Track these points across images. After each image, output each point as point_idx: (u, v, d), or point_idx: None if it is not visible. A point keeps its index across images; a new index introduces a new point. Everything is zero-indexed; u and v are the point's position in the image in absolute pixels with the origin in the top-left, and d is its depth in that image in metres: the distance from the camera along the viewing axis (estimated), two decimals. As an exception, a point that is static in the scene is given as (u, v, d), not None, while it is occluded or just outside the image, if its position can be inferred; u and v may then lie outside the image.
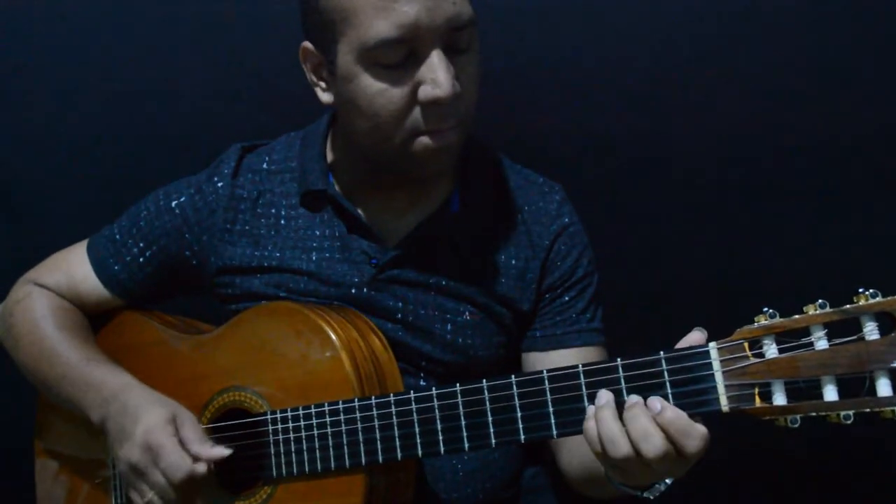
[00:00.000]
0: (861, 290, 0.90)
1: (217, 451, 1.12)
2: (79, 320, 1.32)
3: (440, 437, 1.07)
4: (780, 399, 0.92)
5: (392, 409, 1.09)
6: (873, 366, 0.88)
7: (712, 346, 0.95)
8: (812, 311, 0.91)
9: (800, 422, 0.91)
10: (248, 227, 1.26)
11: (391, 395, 1.09)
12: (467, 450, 1.06)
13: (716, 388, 0.94)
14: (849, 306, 0.90)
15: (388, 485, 1.13)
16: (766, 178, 1.57)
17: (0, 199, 1.71)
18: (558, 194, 1.29)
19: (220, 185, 1.27)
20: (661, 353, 0.97)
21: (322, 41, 1.11)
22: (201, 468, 1.10)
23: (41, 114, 1.66)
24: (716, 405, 0.94)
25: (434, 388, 1.07)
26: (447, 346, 1.22)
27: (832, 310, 0.90)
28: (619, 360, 0.99)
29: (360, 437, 1.10)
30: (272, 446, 1.15)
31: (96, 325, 1.34)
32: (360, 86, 1.08)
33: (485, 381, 1.05)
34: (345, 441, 1.10)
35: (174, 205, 1.28)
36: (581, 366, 1.00)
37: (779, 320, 0.92)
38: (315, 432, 1.12)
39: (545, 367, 1.03)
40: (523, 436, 1.03)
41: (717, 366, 0.94)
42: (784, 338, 0.93)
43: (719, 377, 0.94)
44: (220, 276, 1.27)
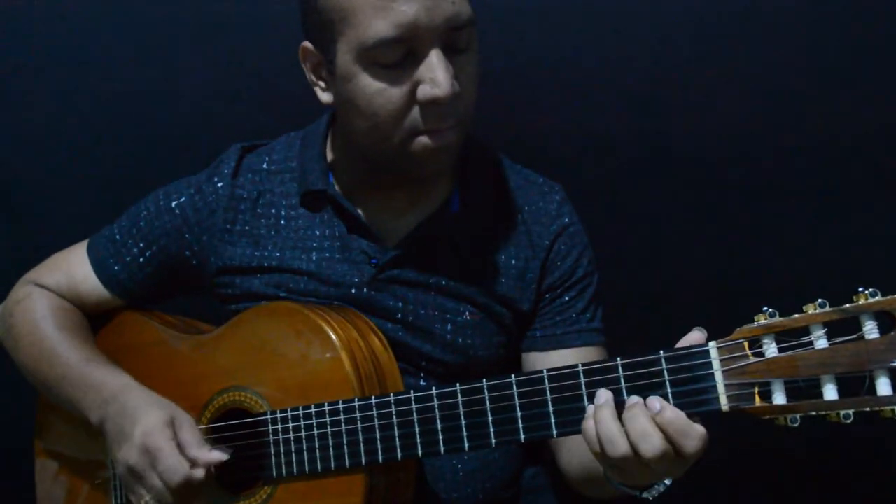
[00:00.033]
0: (860, 289, 0.89)
1: (215, 455, 1.11)
2: (79, 321, 1.32)
3: (440, 437, 1.07)
4: (779, 398, 0.92)
5: (392, 408, 1.09)
6: (873, 365, 0.88)
7: (712, 346, 0.95)
8: (812, 311, 0.91)
9: (799, 421, 0.91)
10: (248, 227, 1.26)
11: (391, 394, 1.09)
12: (467, 450, 1.06)
13: (715, 388, 0.94)
14: (848, 305, 0.90)
15: (388, 485, 1.13)
16: (766, 178, 1.57)
17: (0, 199, 1.71)
18: (558, 194, 1.29)
19: (220, 185, 1.27)
20: (661, 352, 0.97)
21: (321, 41, 1.11)
22: (199, 473, 1.10)
23: (41, 114, 1.66)
24: (715, 404, 0.94)
25: (434, 388, 1.07)
26: (447, 346, 1.22)
27: (832, 309, 0.90)
28: (618, 359, 0.99)
29: (360, 437, 1.10)
30: (272, 446, 1.15)
31: (96, 325, 1.34)
32: (359, 85, 1.08)
33: (485, 381, 1.05)
34: (345, 441, 1.10)
35: (174, 205, 1.28)
36: (581, 365, 1.00)
37: (778, 319, 0.92)
38: (315, 432, 1.12)
39: (545, 367, 1.03)
40: (523, 435, 1.03)
41: (716, 365, 0.94)
42: (784, 337, 0.92)
43: (719, 376, 0.94)
44: (220, 277, 1.27)
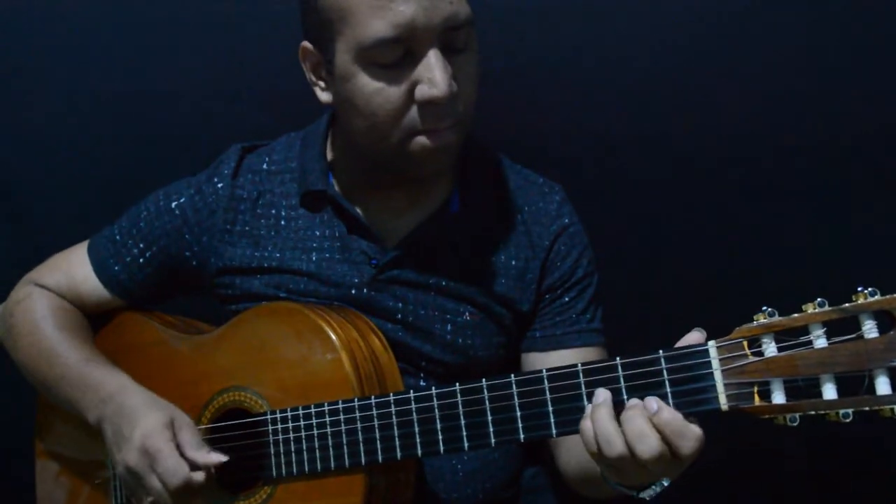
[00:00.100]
0: (860, 288, 0.90)
1: (214, 457, 1.11)
2: (79, 321, 1.32)
3: (440, 437, 1.07)
4: (779, 397, 0.92)
5: (392, 408, 1.09)
6: (872, 364, 0.88)
7: (711, 345, 0.95)
8: (811, 310, 0.91)
9: (799, 420, 0.91)
10: (248, 227, 1.26)
11: (391, 394, 1.09)
12: (467, 449, 1.06)
13: (715, 387, 0.94)
14: (848, 305, 0.90)
15: (388, 485, 1.13)
16: (766, 177, 1.57)
17: (0, 199, 1.71)
18: (558, 195, 1.29)
19: (219, 185, 1.27)
20: (661, 351, 0.97)
21: (320, 40, 1.11)
22: (199, 475, 1.10)
23: (41, 114, 1.66)
24: (715, 404, 0.94)
25: (434, 388, 1.07)
26: (447, 346, 1.22)
27: (831, 308, 0.90)
28: (618, 359, 0.99)
29: (359, 437, 1.10)
30: (272, 446, 1.15)
31: (96, 325, 1.34)
32: (358, 85, 1.08)
33: (484, 381, 1.05)
34: (344, 441, 1.10)
35: (174, 205, 1.28)
36: (580, 365, 1.01)
37: (778, 319, 0.92)
38: (315, 432, 1.12)
39: (545, 368, 1.03)
40: (523, 435, 1.03)
41: (716, 364, 0.94)
42: (783, 336, 0.93)
43: (718, 376, 0.94)
44: (220, 277, 1.27)
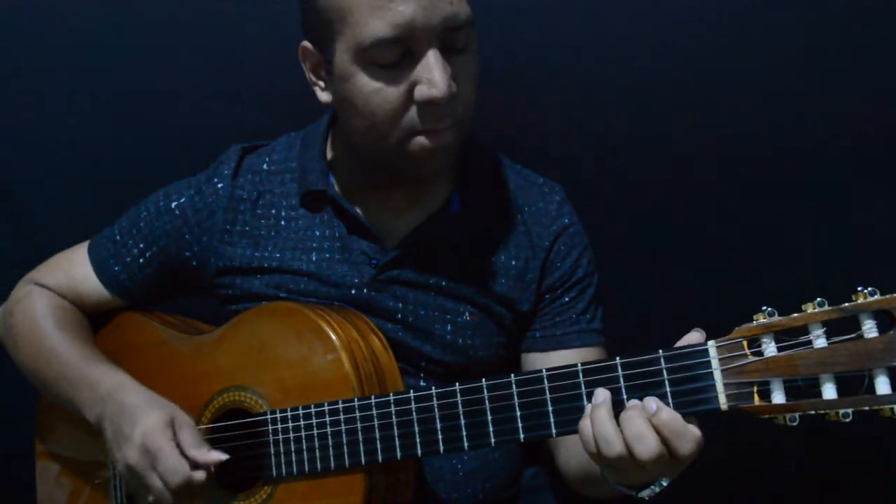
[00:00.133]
0: (860, 288, 0.90)
1: (214, 456, 1.11)
2: (78, 320, 1.32)
3: (440, 437, 1.07)
4: (778, 397, 0.92)
5: (391, 408, 1.09)
6: (872, 364, 0.89)
7: (711, 345, 0.95)
8: (811, 310, 0.91)
9: (798, 420, 0.92)
10: (247, 227, 1.26)
11: (391, 394, 1.09)
12: (467, 449, 1.06)
13: (714, 387, 0.94)
14: (847, 304, 0.90)
15: (388, 484, 1.13)
16: (766, 177, 1.57)
17: (0, 199, 1.71)
18: (558, 195, 1.29)
19: (219, 185, 1.27)
20: (660, 351, 0.97)
21: (320, 40, 1.11)
22: (199, 474, 1.10)
23: (41, 114, 1.66)
24: (714, 403, 0.94)
25: (433, 388, 1.07)
26: (447, 346, 1.22)
27: (831, 308, 0.91)
28: (617, 359, 0.99)
29: (359, 437, 1.10)
30: (272, 446, 1.15)
31: (96, 325, 1.34)
32: (357, 85, 1.08)
33: (484, 381, 1.05)
34: (344, 441, 1.10)
35: (174, 206, 1.28)
36: (580, 365, 1.01)
37: (777, 319, 0.92)
38: (315, 432, 1.12)
39: (544, 368, 1.03)
40: (522, 435, 1.03)
41: (715, 364, 0.94)
42: (783, 336, 0.93)
43: (718, 375, 0.94)
44: (220, 277, 1.27)
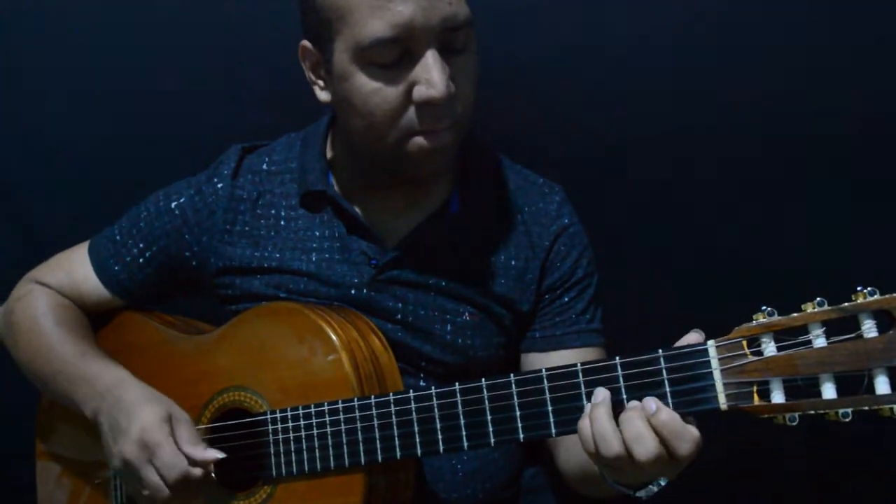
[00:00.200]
0: (859, 287, 0.90)
1: (210, 454, 1.11)
2: (78, 318, 1.32)
3: (439, 437, 1.07)
4: (778, 397, 0.92)
5: (391, 408, 1.09)
6: (872, 363, 0.89)
7: (711, 345, 0.95)
8: (810, 309, 0.91)
9: (798, 420, 0.92)
10: (247, 227, 1.26)
11: (390, 394, 1.09)
12: (466, 449, 1.06)
13: (714, 387, 0.94)
14: (847, 304, 0.90)
15: (388, 484, 1.13)
16: (766, 177, 1.57)
17: (0, 199, 1.71)
18: (558, 195, 1.29)
19: (219, 185, 1.27)
20: (660, 351, 0.97)
21: (319, 40, 1.11)
22: (197, 471, 1.10)
23: (41, 114, 1.66)
24: (714, 403, 0.94)
25: (433, 388, 1.07)
26: (447, 346, 1.22)
27: (830, 308, 0.91)
28: (617, 358, 0.99)
29: (359, 437, 1.10)
30: (272, 446, 1.15)
31: (96, 325, 1.34)
32: (355, 85, 1.08)
33: (484, 381, 1.05)
34: (344, 441, 1.10)
35: (174, 206, 1.28)
36: (580, 365, 1.01)
37: (777, 318, 0.92)
38: (315, 432, 1.12)
39: (544, 368, 1.03)
40: (522, 435, 1.03)
41: (715, 364, 0.94)
42: (782, 336, 0.93)
43: (718, 375, 0.94)
44: (220, 277, 1.27)
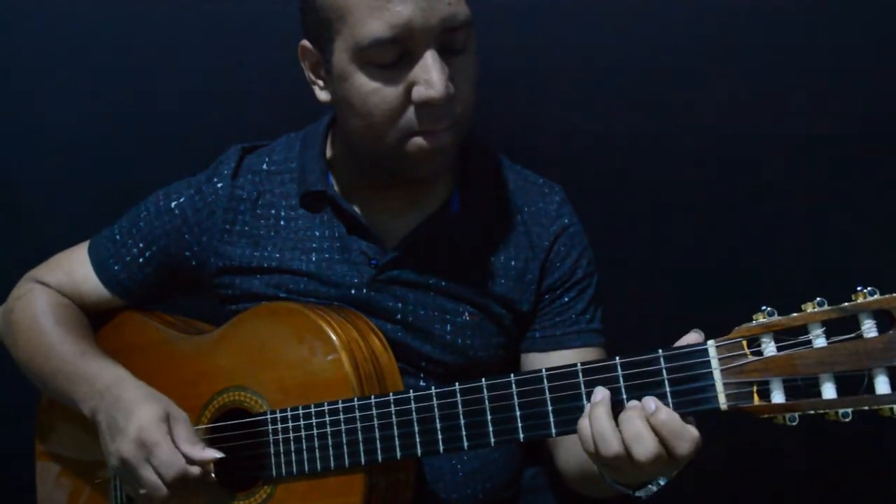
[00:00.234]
0: (859, 287, 0.90)
1: (208, 453, 1.11)
2: (78, 317, 1.32)
3: (439, 437, 1.07)
4: (778, 397, 0.92)
5: (391, 408, 1.09)
6: (872, 363, 0.88)
7: (711, 345, 0.95)
8: (810, 309, 0.91)
9: (798, 420, 0.91)
10: (247, 227, 1.26)
11: (390, 394, 1.09)
12: (466, 449, 1.06)
13: (714, 387, 0.94)
14: (847, 304, 0.90)
15: (388, 484, 1.13)
16: (765, 177, 1.57)
17: (0, 199, 1.71)
18: (558, 195, 1.29)
19: (219, 185, 1.27)
20: (660, 351, 0.97)
21: (319, 39, 1.11)
22: (194, 470, 1.10)
23: (41, 114, 1.66)
24: (714, 403, 0.94)
25: (433, 388, 1.07)
26: (447, 346, 1.22)
27: (830, 308, 0.90)
28: (617, 358, 0.99)
29: (359, 437, 1.10)
30: (272, 446, 1.15)
31: (96, 325, 1.34)
32: (355, 85, 1.08)
33: (484, 381, 1.05)
34: (344, 441, 1.10)
35: (174, 205, 1.28)
36: (580, 365, 1.01)
37: (777, 318, 0.92)
38: (315, 432, 1.12)
39: (544, 368, 1.03)
40: (522, 435, 1.03)
41: (715, 364, 0.94)
42: (782, 336, 0.93)
43: (717, 375, 0.94)
44: (219, 277, 1.27)
